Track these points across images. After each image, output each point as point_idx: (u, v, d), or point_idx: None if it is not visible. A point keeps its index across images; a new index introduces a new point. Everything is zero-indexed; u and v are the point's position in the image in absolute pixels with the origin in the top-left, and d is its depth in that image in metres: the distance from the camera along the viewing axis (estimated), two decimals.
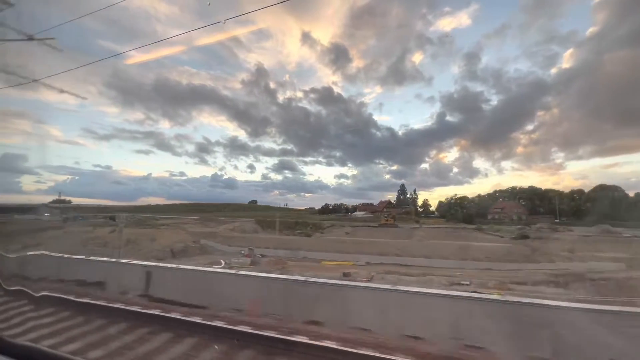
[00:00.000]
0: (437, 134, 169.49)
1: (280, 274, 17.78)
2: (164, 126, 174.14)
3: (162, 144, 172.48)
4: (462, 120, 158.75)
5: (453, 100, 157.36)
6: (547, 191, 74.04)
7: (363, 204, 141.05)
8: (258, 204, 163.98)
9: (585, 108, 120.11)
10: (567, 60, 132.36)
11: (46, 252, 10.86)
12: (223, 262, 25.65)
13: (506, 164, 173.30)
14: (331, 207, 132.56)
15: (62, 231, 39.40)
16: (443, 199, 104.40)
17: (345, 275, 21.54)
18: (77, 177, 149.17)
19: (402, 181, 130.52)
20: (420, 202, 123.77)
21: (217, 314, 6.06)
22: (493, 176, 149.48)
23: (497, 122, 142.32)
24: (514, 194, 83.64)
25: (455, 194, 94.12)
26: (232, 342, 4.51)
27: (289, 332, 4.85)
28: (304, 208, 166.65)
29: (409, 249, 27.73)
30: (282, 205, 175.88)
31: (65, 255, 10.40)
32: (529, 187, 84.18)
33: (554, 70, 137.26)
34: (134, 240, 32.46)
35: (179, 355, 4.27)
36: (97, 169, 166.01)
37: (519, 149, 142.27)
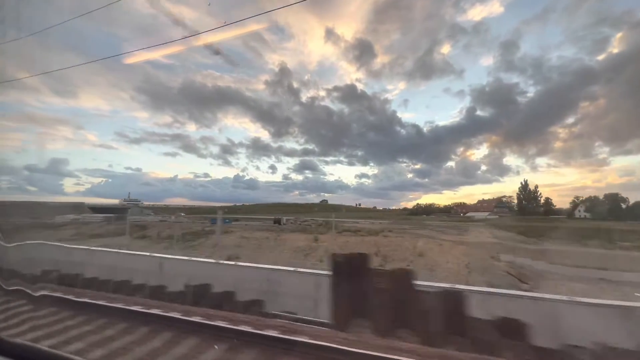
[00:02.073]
0: (466, 130, 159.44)
1: None
2: (190, 129, 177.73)
3: (188, 146, 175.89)
4: (494, 115, 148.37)
5: (484, 94, 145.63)
6: None
7: (456, 203, 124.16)
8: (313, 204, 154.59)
9: (638, 96, 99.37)
10: (618, 43, 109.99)
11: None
12: None
13: (541, 161, 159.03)
14: (422, 208, 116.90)
15: (236, 236, 29.85)
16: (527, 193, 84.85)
17: None
18: (110, 180, 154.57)
19: (525, 178, 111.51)
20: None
21: None
22: (525, 174, 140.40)
23: (534, 116, 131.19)
24: None
25: None
26: None
27: None
28: (381, 208, 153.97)
29: None
30: (355, 205, 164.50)
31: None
32: None
33: (602, 56, 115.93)
34: (388, 254, 21.16)
35: None
36: (129, 171, 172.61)
37: (557, 144, 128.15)
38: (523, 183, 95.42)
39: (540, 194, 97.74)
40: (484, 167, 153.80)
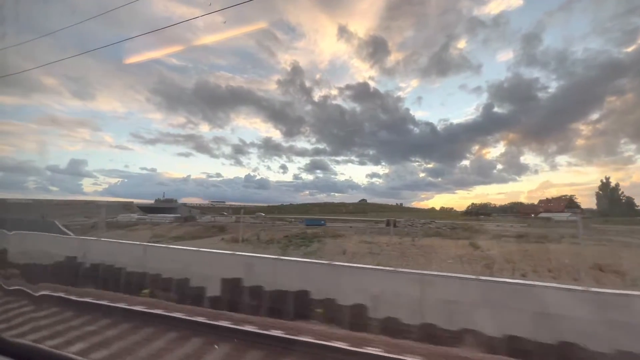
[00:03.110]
0: (482, 128, 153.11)
1: None
2: (204, 129, 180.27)
3: (201, 147, 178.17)
4: (512, 112, 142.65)
5: (503, 90, 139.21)
6: None
7: (514, 203, 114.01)
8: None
9: None
10: None
11: None
12: None
13: (561, 159, 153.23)
14: (477, 207, 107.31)
15: (355, 240, 25.36)
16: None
17: None
18: (125, 180, 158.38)
19: (606, 176, 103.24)
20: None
21: None
22: (544, 173, 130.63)
23: (555, 112, 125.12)
24: None
25: None
26: None
27: None
28: (429, 207, 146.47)
29: None
30: (396, 205, 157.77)
31: None
32: None
33: (631, 48, 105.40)
34: (618, 270, 15.61)
35: None
36: (144, 171, 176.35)
37: (579, 142, 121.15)
38: (604, 180, 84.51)
39: (622, 192, 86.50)
40: (500, 166, 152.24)
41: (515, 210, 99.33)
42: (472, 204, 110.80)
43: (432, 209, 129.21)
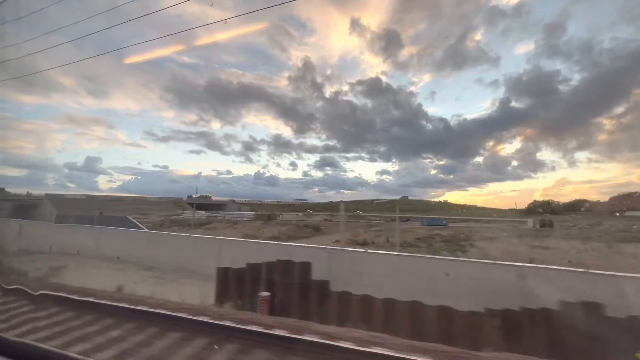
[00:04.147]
0: (497, 123, 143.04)
1: None
2: (215, 126, 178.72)
3: (212, 144, 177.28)
4: (530, 106, 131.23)
5: (521, 83, 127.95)
6: None
7: (579, 200, 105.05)
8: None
9: None
10: None
11: None
12: None
13: (581, 155, 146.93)
14: (539, 203, 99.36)
15: (523, 245, 21.74)
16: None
17: None
18: (139, 177, 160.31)
19: None
20: None
21: None
22: (561, 169, 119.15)
23: (576, 106, 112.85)
24: None
25: None
26: None
27: None
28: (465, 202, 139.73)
29: None
30: (440, 201, 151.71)
31: None
32: None
33: None
34: None
35: None
36: (156, 169, 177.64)
37: (602, 137, 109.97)
38: None
39: None
40: (515, 163, 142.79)
41: (585, 209, 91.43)
42: (535, 201, 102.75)
43: (462, 206, 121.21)
